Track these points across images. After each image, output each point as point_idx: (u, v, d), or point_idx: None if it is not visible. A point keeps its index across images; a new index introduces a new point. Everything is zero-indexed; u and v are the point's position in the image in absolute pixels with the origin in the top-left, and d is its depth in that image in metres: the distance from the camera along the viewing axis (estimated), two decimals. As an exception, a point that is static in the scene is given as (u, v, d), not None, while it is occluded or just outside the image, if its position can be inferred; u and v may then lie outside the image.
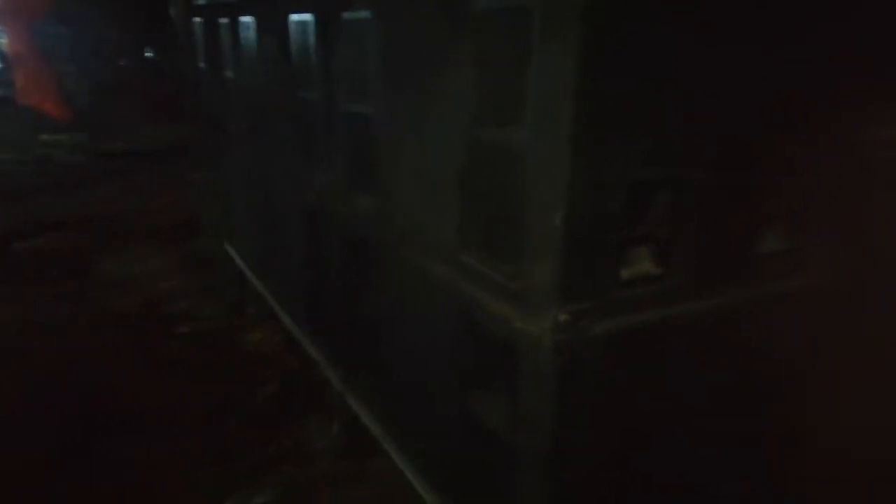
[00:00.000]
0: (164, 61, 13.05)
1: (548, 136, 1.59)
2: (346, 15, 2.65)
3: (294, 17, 3.09)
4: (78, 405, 3.69)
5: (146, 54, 13.56)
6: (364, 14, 2.53)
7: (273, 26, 3.34)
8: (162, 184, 8.57)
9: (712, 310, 1.88)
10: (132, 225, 6.94)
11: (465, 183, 2.00)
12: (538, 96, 1.62)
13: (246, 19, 3.75)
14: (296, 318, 3.90)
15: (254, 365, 4.12)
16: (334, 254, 3.10)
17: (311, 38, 2.95)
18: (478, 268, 1.97)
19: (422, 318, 2.41)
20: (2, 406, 3.74)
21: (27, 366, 4.15)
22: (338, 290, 3.12)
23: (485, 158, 1.90)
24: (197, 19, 4.95)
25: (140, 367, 4.12)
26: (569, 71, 1.50)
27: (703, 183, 1.77)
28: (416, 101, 2.23)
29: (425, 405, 2.49)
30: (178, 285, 5.35)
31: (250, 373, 4.02)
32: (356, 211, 2.80)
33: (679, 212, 1.77)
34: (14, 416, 3.64)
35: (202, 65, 5.00)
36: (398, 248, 2.48)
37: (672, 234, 1.78)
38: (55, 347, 4.34)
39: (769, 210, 1.95)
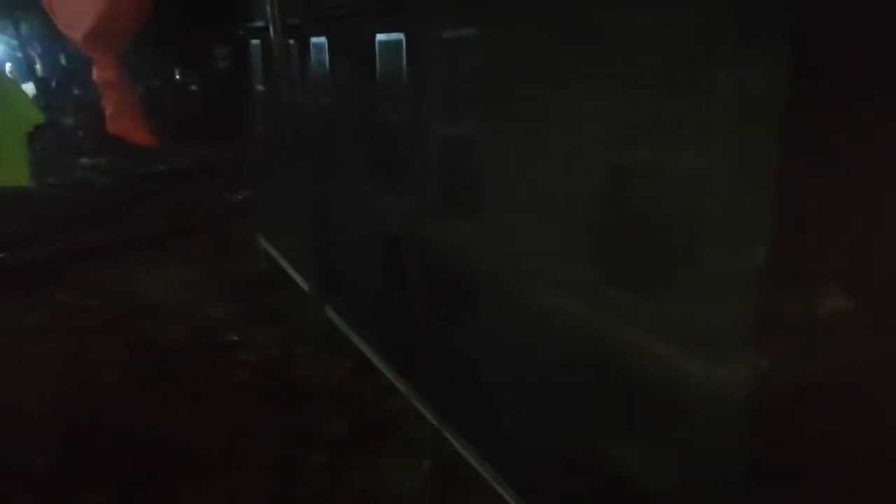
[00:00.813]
0: (195, 82, 13.08)
1: (741, 161, 1.43)
2: (446, 34, 2.52)
3: (381, 37, 2.97)
4: (136, 445, 3.51)
5: (176, 76, 13.60)
6: (468, 32, 2.39)
7: (355, 47, 3.22)
8: (196, 203, 8.49)
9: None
10: (173, 247, 6.84)
11: (609, 211, 1.84)
12: (724, 116, 1.46)
13: (318, 40, 3.63)
14: (374, 346, 3.74)
15: (324, 396, 3.96)
16: (425, 283, 2.94)
17: (401, 59, 2.82)
18: (630, 305, 1.81)
19: (545, 356, 2.24)
20: (52, 446, 3.56)
21: (77, 404, 3.99)
22: (432, 322, 2.95)
23: (636, 184, 1.75)
24: (254, 41, 4.87)
25: (199, 400, 3.96)
26: (772, 85, 1.34)
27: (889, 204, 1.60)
28: (536, 122, 2.08)
29: (550, 450, 2.31)
30: (233, 311, 5.21)
31: (322, 405, 3.85)
32: (452, 239, 2.65)
33: (866, 240, 1.59)
34: (62, 456, 3.48)
35: (261, 87, 4.92)
36: (507, 279, 2.32)
37: (859, 263, 1.61)
38: (106, 382, 4.20)
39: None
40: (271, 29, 3.05)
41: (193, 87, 13.21)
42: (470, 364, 2.67)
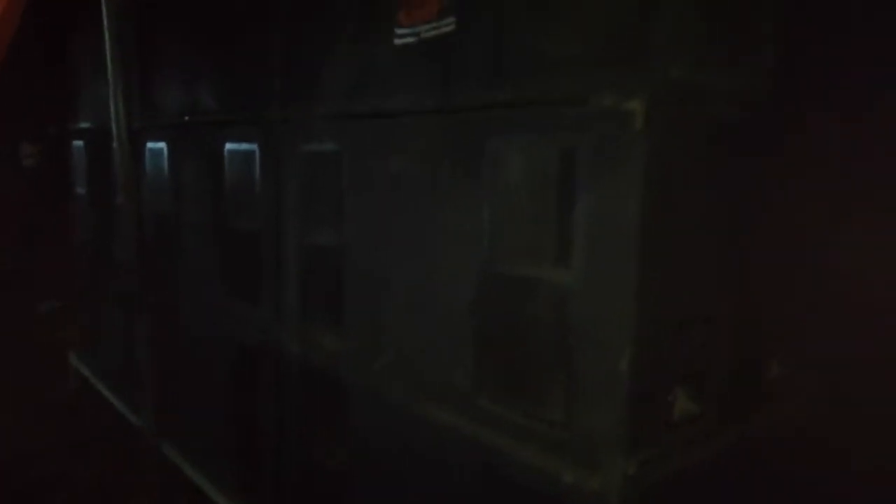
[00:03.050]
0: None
1: (605, 275, 1.55)
2: (306, 147, 2.53)
3: (231, 146, 2.91)
4: None
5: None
6: (330, 146, 2.43)
7: (200, 154, 3.11)
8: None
9: (741, 438, 1.88)
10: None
11: (481, 320, 1.89)
12: (589, 233, 1.59)
13: (156, 146, 3.47)
14: (214, 475, 3.37)
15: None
16: (282, 397, 2.77)
17: (254, 168, 2.76)
18: (501, 414, 1.83)
19: (416, 467, 2.17)
20: None
21: None
22: (290, 440, 2.76)
23: (508, 295, 1.82)
24: (78, 142, 4.53)
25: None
26: (630, 207, 1.49)
27: (728, 318, 1.81)
28: (407, 233, 2.12)
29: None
30: (43, 442, 4.48)
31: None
32: (316, 349, 2.55)
33: (711, 347, 1.78)
34: None
35: (82, 190, 4.54)
36: (379, 389, 2.26)
37: (705, 368, 1.78)
38: None
39: (775, 338, 2.03)
40: (115, 132, 2.86)
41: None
42: (337, 482, 2.51)
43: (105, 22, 2.78)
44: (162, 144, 3.43)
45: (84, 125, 4.45)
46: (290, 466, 2.77)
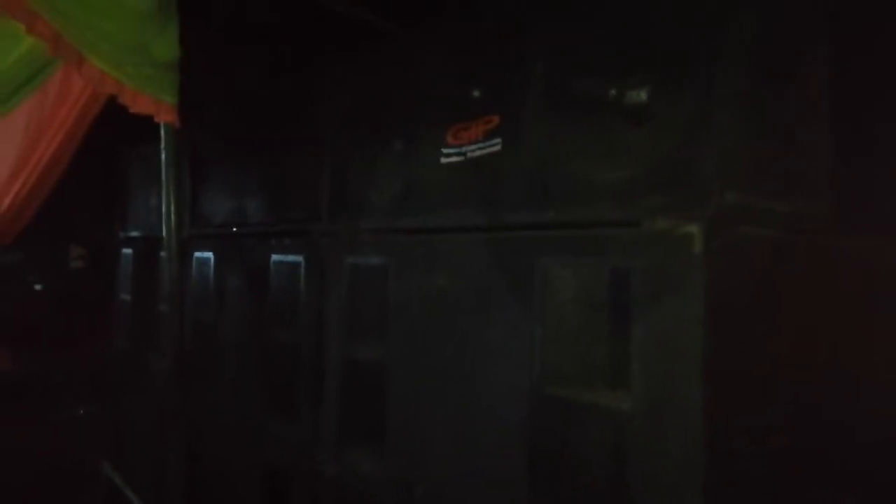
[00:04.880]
0: (42, 282, 12.13)
1: (668, 401, 1.48)
2: (351, 260, 2.55)
3: (276, 257, 2.95)
4: None
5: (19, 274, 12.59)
6: (376, 260, 2.44)
7: (246, 265, 3.16)
8: (33, 418, 7.40)
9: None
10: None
11: (531, 446, 1.80)
12: (648, 356, 1.52)
13: (203, 255, 3.54)
14: None
15: None
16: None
17: (300, 280, 2.78)
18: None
19: None
20: None
21: None
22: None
23: (560, 419, 1.74)
24: (127, 250, 4.67)
25: None
26: (692, 330, 1.44)
27: (797, 448, 1.69)
28: (453, 351, 2.07)
29: None
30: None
31: None
32: (354, 472, 2.45)
33: (782, 481, 1.65)
34: None
35: (126, 296, 4.63)
36: (420, 520, 2.14)
37: (778, 505, 1.64)
38: None
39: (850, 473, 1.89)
40: (166, 240, 2.95)
41: (38, 287, 12.23)
42: None
43: (162, 136, 2.93)
44: (209, 254, 3.50)
45: (133, 233, 4.59)
46: None
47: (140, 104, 2.52)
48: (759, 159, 1.60)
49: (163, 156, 3.01)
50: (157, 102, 2.57)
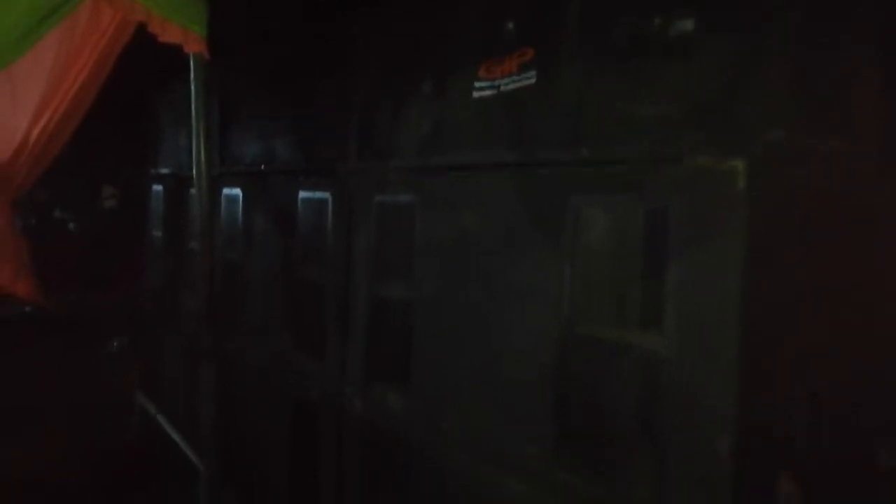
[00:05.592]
0: (76, 221, 12.38)
1: (702, 344, 1.44)
2: (379, 198, 2.52)
3: (304, 194, 2.93)
4: None
5: (55, 213, 12.85)
6: (404, 198, 2.41)
7: (275, 202, 3.16)
8: (68, 353, 7.66)
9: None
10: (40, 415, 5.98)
11: (560, 386, 1.78)
12: (684, 298, 1.48)
13: (232, 192, 3.55)
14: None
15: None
16: (344, 455, 2.69)
17: (327, 218, 2.77)
18: (582, 489, 1.70)
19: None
20: None
21: None
22: (350, 499, 2.67)
23: (590, 359, 1.72)
24: (157, 187, 4.71)
25: None
26: (732, 271, 1.39)
27: (834, 397, 1.65)
28: (481, 290, 2.05)
29: None
30: (103, 492, 4.50)
31: None
32: (381, 407, 2.48)
33: (816, 428, 1.62)
34: None
35: (157, 233, 4.69)
36: (446, 454, 2.16)
37: (811, 452, 1.61)
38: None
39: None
40: (195, 178, 2.94)
41: (72, 226, 12.48)
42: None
43: (192, 76, 2.89)
44: (237, 191, 3.51)
45: (164, 170, 4.61)
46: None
47: (169, 33, 2.47)
48: (807, 99, 1.51)
49: (192, 94, 2.98)
50: (185, 31, 2.52)
